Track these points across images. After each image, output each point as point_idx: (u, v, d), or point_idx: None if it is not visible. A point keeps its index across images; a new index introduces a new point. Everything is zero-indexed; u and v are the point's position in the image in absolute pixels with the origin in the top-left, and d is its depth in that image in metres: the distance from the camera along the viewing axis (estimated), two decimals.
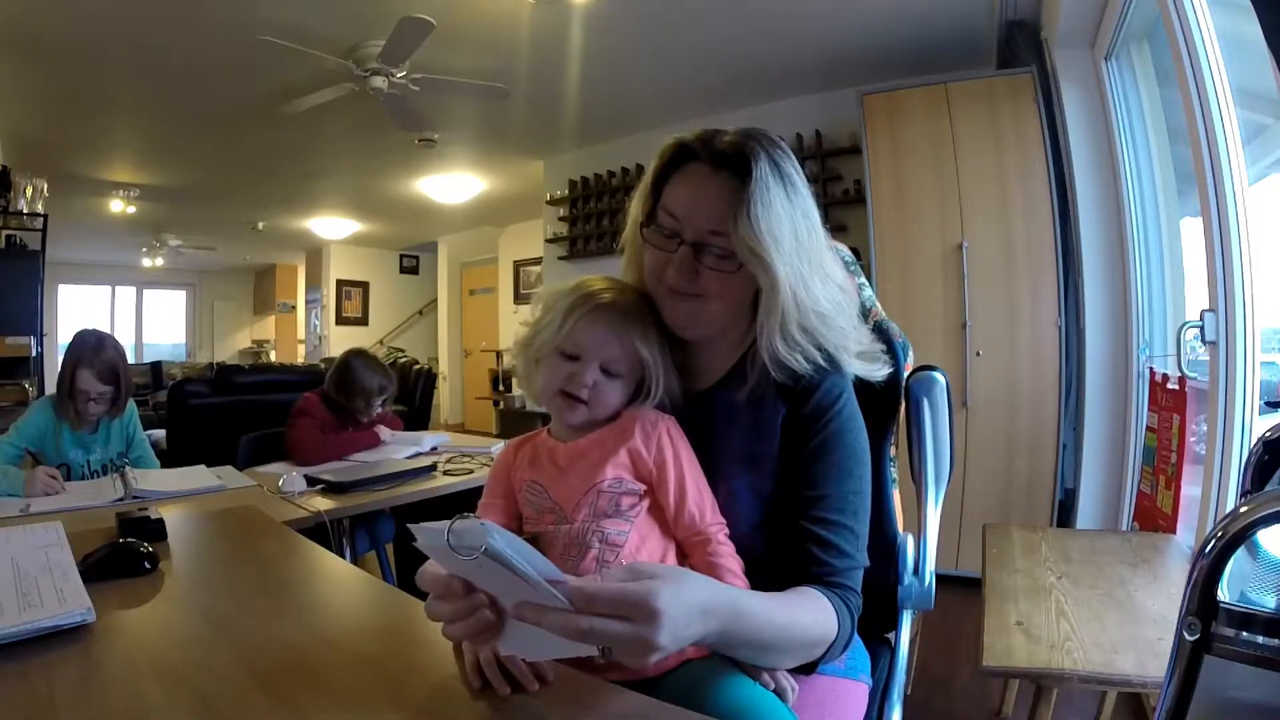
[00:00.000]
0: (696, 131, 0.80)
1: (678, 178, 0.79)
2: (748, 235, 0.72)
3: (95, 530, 1.10)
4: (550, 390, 0.79)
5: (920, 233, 2.94)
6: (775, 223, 0.73)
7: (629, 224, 0.85)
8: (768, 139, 0.78)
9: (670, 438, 0.78)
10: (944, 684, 2.06)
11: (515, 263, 7.48)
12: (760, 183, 0.73)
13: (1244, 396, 1.64)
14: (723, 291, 0.77)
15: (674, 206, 0.78)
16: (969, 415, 2.84)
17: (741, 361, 0.83)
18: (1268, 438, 0.85)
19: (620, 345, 0.78)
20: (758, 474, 0.79)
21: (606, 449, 0.77)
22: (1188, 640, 0.43)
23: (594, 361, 0.78)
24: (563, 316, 0.78)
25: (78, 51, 3.20)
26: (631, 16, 3.05)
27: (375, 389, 2.22)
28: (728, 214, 0.74)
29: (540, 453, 0.82)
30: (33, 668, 0.64)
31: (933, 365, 1.01)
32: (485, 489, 0.85)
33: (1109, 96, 2.53)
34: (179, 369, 8.12)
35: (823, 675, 0.80)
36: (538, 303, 0.84)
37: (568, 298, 0.80)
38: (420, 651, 0.69)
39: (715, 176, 0.76)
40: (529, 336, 0.83)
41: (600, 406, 0.79)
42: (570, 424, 0.80)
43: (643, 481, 0.77)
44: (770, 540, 0.77)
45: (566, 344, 0.78)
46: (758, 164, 0.73)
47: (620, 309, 0.79)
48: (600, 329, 0.78)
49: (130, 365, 2.01)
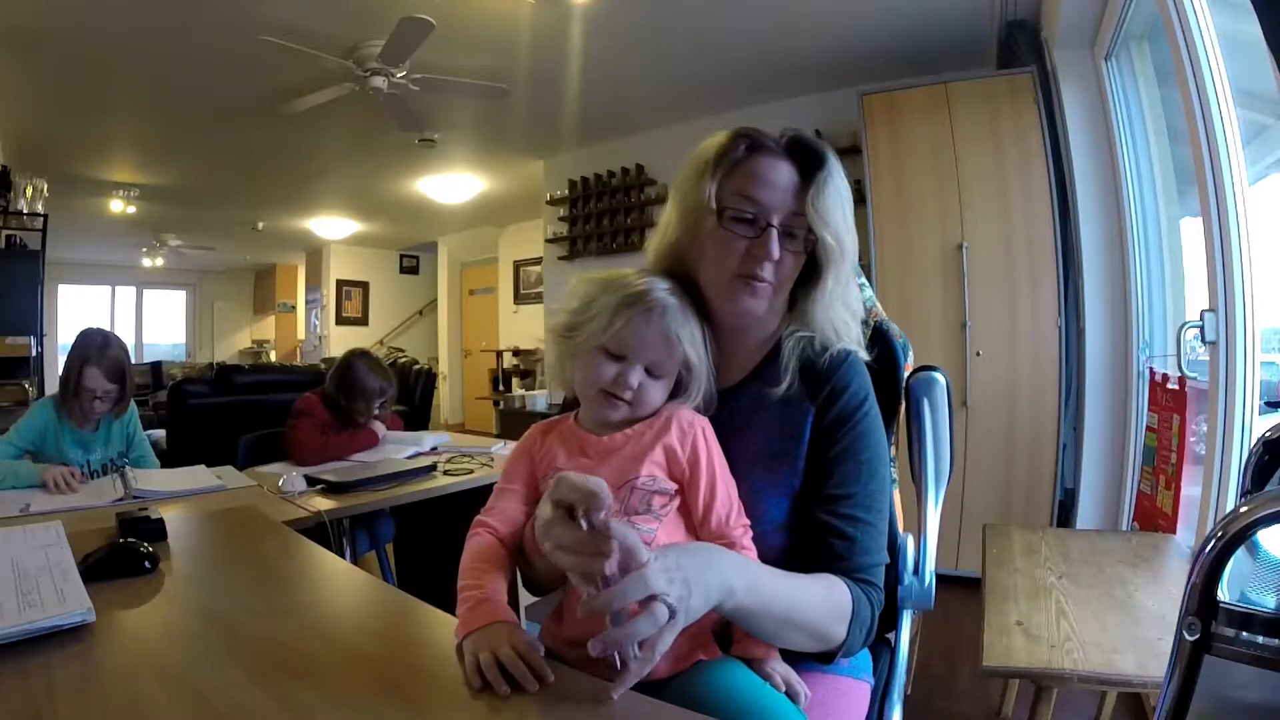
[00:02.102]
0: (742, 129, 0.83)
1: (751, 165, 0.80)
2: (823, 210, 0.79)
3: (95, 530, 1.10)
4: (591, 387, 0.78)
5: (920, 233, 2.94)
6: (844, 204, 0.81)
7: (684, 211, 0.83)
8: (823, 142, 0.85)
9: (705, 439, 0.78)
10: (944, 684, 2.06)
11: (515, 263, 7.48)
12: (833, 167, 0.81)
13: (1244, 396, 1.64)
14: (786, 276, 0.82)
15: (753, 191, 0.79)
16: (969, 415, 2.84)
17: (766, 359, 0.85)
18: (1268, 438, 0.86)
19: (668, 348, 0.77)
20: (781, 471, 0.80)
21: (643, 445, 0.77)
22: (1188, 640, 0.43)
23: (640, 363, 0.77)
24: (610, 314, 0.76)
25: (78, 51, 3.20)
26: (631, 16, 3.05)
27: (376, 391, 2.22)
28: (802, 196, 0.80)
29: (569, 440, 0.81)
30: (33, 668, 0.64)
31: (933, 365, 1.01)
32: (504, 473, 0.84)
33: (1109, 96, 2.53)
34: (179, 369, 8.11)
35: (825, 674, 0.81)
36: (578, 292, 0.81)
37: (615, 294, 0.77)
38: (420, 651, 0.69)
39: (785, 163, 0.81)
40: (566, 326, 0.80)
41: (642, 407, 0.78)
42: (608, 421, 0.79)
43: (675, 481, 0.76)
44: (793, 537, 0.79)
45: (613, 344, 0.77)
46: (828, 155, 0.82)
47: (671, 311, 0.78)
48: (651, 332, 0.76)
49: (130, 374, 2.01)
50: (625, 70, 3.68)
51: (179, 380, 3.88)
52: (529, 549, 0.76)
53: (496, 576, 0.73)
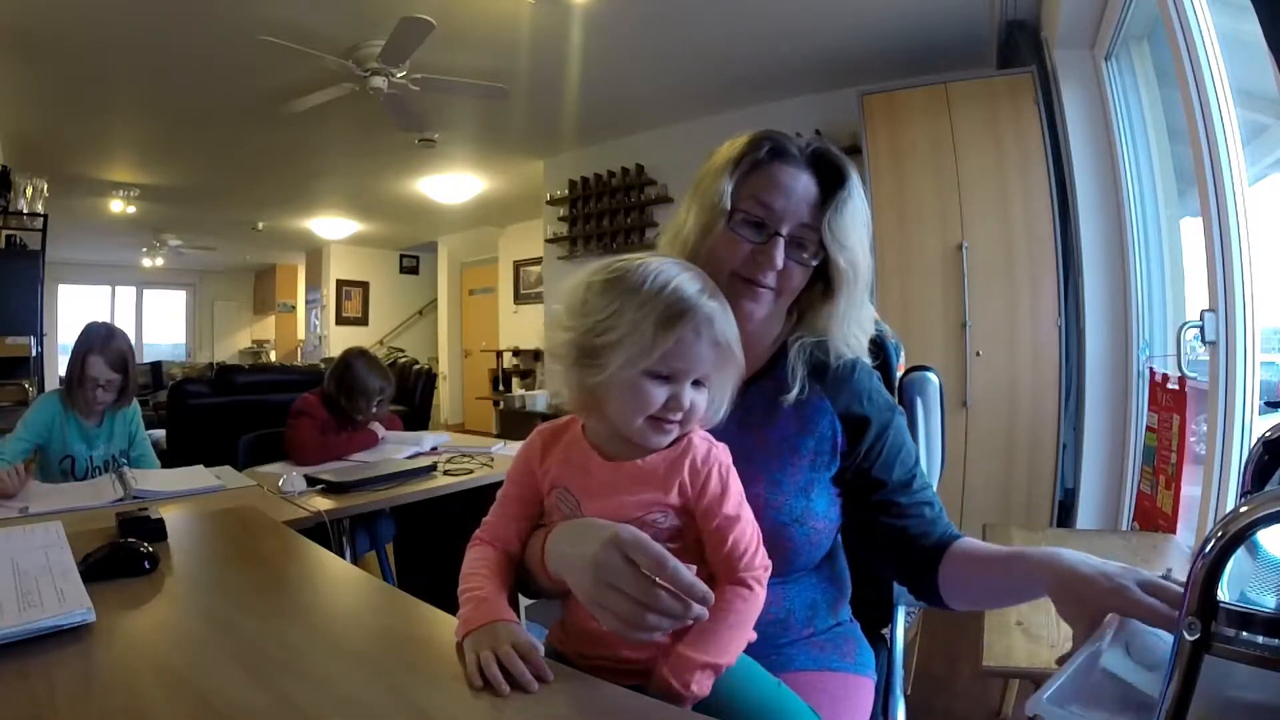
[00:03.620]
0: (767, 131, 0.84)
1: (770, 171, 0.81)
2: (839, 230, 0.79)
3: (95, 530, 1.10)
4: (638, 416, 0.67)
5: (920, 233, 2.94)
6: (862, 223, 0.82)
7: (700, 209, 0.82)
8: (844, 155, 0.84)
9: (721, 474, 0.69)
10: (944, 684, 2.06)
11: (515, 263, 7.48)
12: (854, 187, 0.81)
13: (1244, 396, 1.64)
14: (792, 286, 0.82)
15: (767, 198, 0.80)
16: (969, 415, 2.84)
17: (775, 357, 0.86)
18: (1268, 438, 0.85)
19: (721, 358, 0.69)
20: (799, 465, 0.81)
21: (654, 479, 0.69)
22: (1188, 640, 0.43)
23: (690, 379, 0.67)
24: (653, 333, 0.64)
25: (78, 51, 3.20)
26: (631, 16, 3.05)
27: (375, 390, 2.22)
28: (818, 210, 0.80)
29: (573, 456, 0.73)
30: (33, 668, 0.64)
31: (925, 365, 1.02)
32: (506, 479, 0.79)
33: (1109, 96, 2.53)
34: (179, 369, 8.11)
35: (834, 672, 0.82)
36: (587, 302, 0.68)
37: (651, 307, 0.65)
38: (420, 651, 0.69)
39: (806, 173, 0.81)
40: (584, 350, 0.67)
41: (691, 423, 0.70)
42: (660, 447, 0.70)
43: (684, 515, 0.69)
44: (806, 531, 0.80)
45: (661, 366, 0.65)
46: (850, 174, 0.82)
47: (718, 318, 0.68)
48: (703, 347, 0.67)
49: (134, 367, 2.04)
50: (625, 70, 3.68)
51: (179, 380, 3.88)
52: (532, 564, 0.74)
53: (497, 580, 0.72)
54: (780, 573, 0.82)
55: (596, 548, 0.62)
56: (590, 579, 0.62)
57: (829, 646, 0.84)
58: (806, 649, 0.83)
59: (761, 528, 0.77)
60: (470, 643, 0.64)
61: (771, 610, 0.81)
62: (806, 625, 0.83)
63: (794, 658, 0.81)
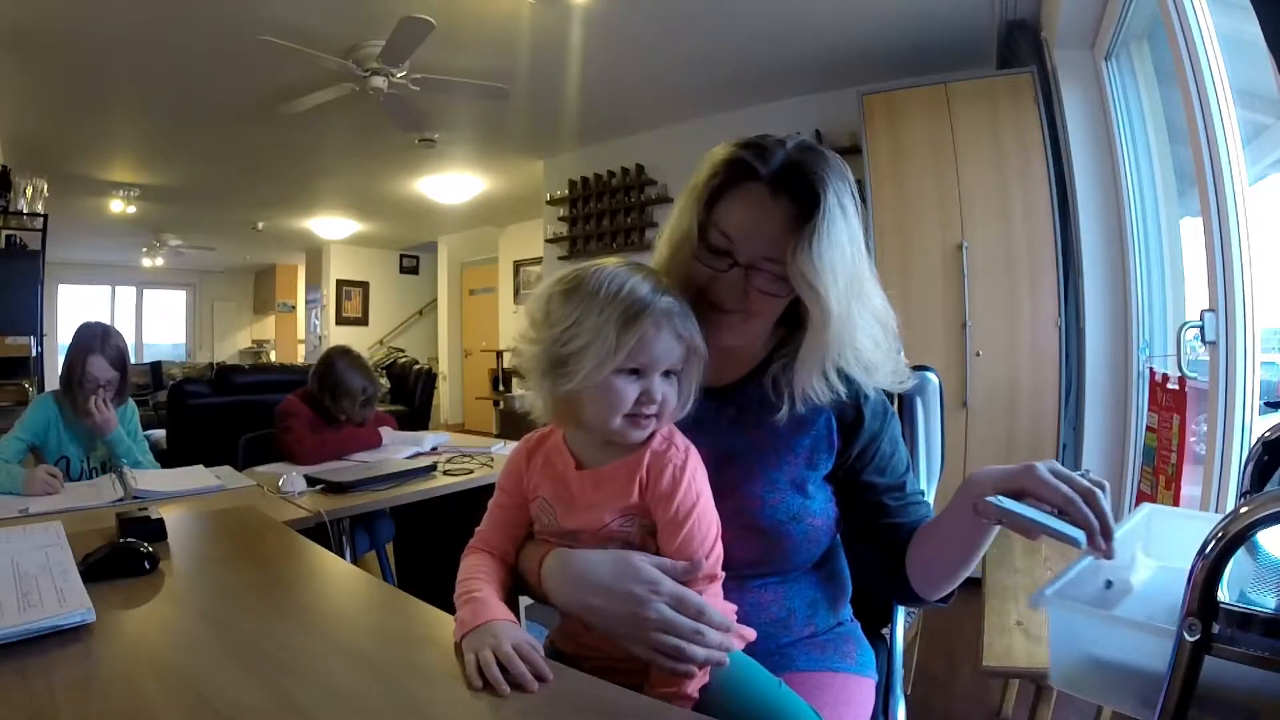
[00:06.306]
0: (748, 140, 0.78)
1: (734, 197, 0.77)
2: (807, 269, 0.72)
3: (95, 530, 1.10)
4: (615, 415, 0.70)
5: (920, 233, 2.94)
6: (836, 258, 0.73)
7: (673, 229, 0.81)
8: (829, 163, 0.76)
9: (676, 467, 0.71)
10: (944, 684, 2.06)
11: (515, 263, 7.48)
12: (826, 216, 0.72)
13: (1244, 396, 1.64)
14: (767, 310, 0.78)
15: (729, 228, 0.76)
16: (969, 415, 2.84)
17: (765, 361, 0.85)
18: (1268, 438, 0.85)
19: (681, 344, 0.72)
20: (796, 464, 0.81)
21: (618, 485, 0.72)
22: (1188, 640, 0.43)
23: (658, 371, 0.71)
24: (616, 333, 0.67)
25: (78, 51, 3.20)
26: (631, 16, 3.05)
27: (358, 389, 2.19)
28: (786, 242, 0.73)
29: (554, 464, 0.77)
30: (33, 668, 0.64)
31: (925, 365, 1.02)
32: (498, 488, 0.82)
33: (1109, 96, 2.53)
34: (179, 369, 8.10)
35: (835, 673, 0.82)
36: (549, 314, 0.72)
37: (610, 309, 0.68)
38: (420, 651, 0.69)
39: (774, 201, 0.75)
40: (553, 360, 0.70)
41: (666, 416, 0.73)
42: (638, 442, 0.73)
43: (648, 517, 0.72)
44: (804, 528, 0.80)
45: (629, 362, 0.69)
46: (826, 197, 0.73)
47: (676, 313, 0.71)
48: (666, 337, 0.70)
49: (130, 365, 2.03)
50: (625, 70, 3.68)
51: (179, 380, 3.88)
52: (527, 577, 0.77)
53: (494, 582, 0.73)
54: (780, 571, 0.82)
55: (634, 607, 0.66)
56: (634, 627, 0.66)
57: (830, 647, 0.84)
58: (808, 649, 0.83)
59: (760, 526, 0.77)
60: (469, 643, 0.64)
61: (773, 609, 0.81)
62: (808, 624, 0.84)
63: (795, 658, 0.81)
